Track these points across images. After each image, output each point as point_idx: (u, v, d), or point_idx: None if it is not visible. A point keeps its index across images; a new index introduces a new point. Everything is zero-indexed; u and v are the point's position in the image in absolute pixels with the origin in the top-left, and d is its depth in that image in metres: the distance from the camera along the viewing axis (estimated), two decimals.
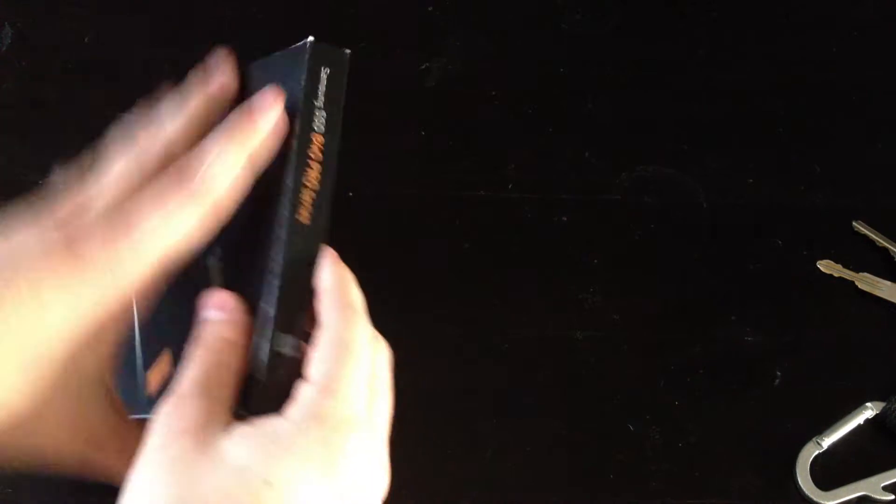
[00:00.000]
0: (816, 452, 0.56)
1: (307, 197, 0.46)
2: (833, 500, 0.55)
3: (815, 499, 0.55)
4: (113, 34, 0.75)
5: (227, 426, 0.41)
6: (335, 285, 0.45)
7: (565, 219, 0.66)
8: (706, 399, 0.59)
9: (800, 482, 0.55)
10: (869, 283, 0.62)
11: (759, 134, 0.69)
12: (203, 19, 0.76)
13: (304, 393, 0.42)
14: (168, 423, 0.41)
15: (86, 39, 0.75)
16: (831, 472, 0.56)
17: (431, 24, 0.74)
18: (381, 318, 0.58)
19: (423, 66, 0.72)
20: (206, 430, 0.40)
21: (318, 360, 0.42)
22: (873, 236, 0.64)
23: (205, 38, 0.74)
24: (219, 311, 0.45)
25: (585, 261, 0.64)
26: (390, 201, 0.66)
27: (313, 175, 0.46)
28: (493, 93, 0.71)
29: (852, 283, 0.62)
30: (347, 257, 0.64)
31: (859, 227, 0.64)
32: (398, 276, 0.63)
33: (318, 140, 0.46)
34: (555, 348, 0.61)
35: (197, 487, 0.38)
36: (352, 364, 0.42)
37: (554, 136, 0.69)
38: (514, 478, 0.57)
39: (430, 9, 0.75)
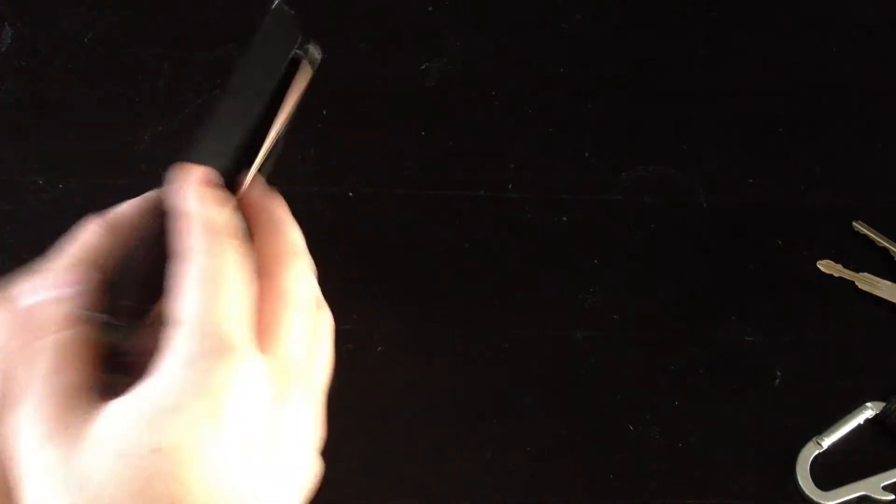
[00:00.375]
0: (816, 452, 0.56)
1: None
2: (833, 500, 0.55)
3: (815, 499, 0.55)
4: (113, 34, 0.75)
5: (95, 407, 0.36)
6: (198, 209, 0.40)
7: (565, 219, 0.66)
8: (706, 399, 0.59)
9: (800, 482, 0.55)
10: (869, 283, 0.62)
11: (759, 134, 0.69)
12: (203, 19, 0.76)
13: (173, 338, 0.37)
14: (28, 439, 0.36)
15: (86, 39, 0.75)
16: (831, 472, 0.56)
17: (431, 24, 0.74)
18: (381, 317, 0.58)
19: (423, 66, 0.72)
20: (70, 425, 0.36)
21: (184, 296, 0.37)
22: (873, 236, 0.64)
23: (205, 38, 0.75)
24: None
25: (585, 261, 0.64)
26: (390, 201, 0.66)
27: None
28: (493, 93, 0.71)
29: (852, 283, 0.62)
30: (348, 257, 0.64)
31: (859, 227, 0.64)
32: (398, 275, 0.63)
33: None
34: (555, 348, 0.61)
35: (85, 491, 0.35)
36: (224, 295, 0.37)
37: (554, 136, 0.69)
38: (513, 478, 0.57)
39: (430, 9, 0.75)
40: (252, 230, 0.42)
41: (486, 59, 0.73)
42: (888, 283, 0.62)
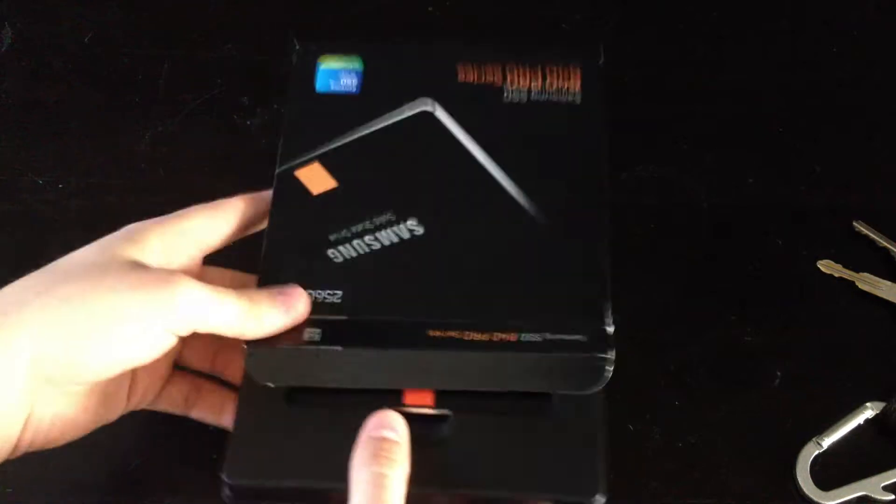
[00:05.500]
0: (816, 452, 0.56)
1: None
2: (833, 500, 0.55)
3: (815, 499, 0.55)
4: (113, 34, 0.75)
5: None
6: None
7: None
8: (706, 399, 0.59)
9: (800, 482, 0.55)
10: (869, 283, 0.62)
11: (759, 134, 0.69)
12: (203, 19, 0.76)
13: None
14: None
15: (86, 39, 0.75)
16: (831, 472, 0.56)
17: (431, 24, 0.74)
18: None
19: None
20: None
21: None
22: (873, 236, 0.64)
23: (205, 38, 0.75)
24: (391, 431, 0.46)
25: None
26: None
27: None
28: None
29: (852, 283, 0.62)
30: None
31: (859, 227, 0.64)
32: None
33: None
34: None
35: None
36: None
37: None
38: None
39: (430, 9, 0.75)
40: None
41: None
42: (888, 283, 0.62)
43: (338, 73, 0.57)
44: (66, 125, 0.70)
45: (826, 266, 0.63)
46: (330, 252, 0.51)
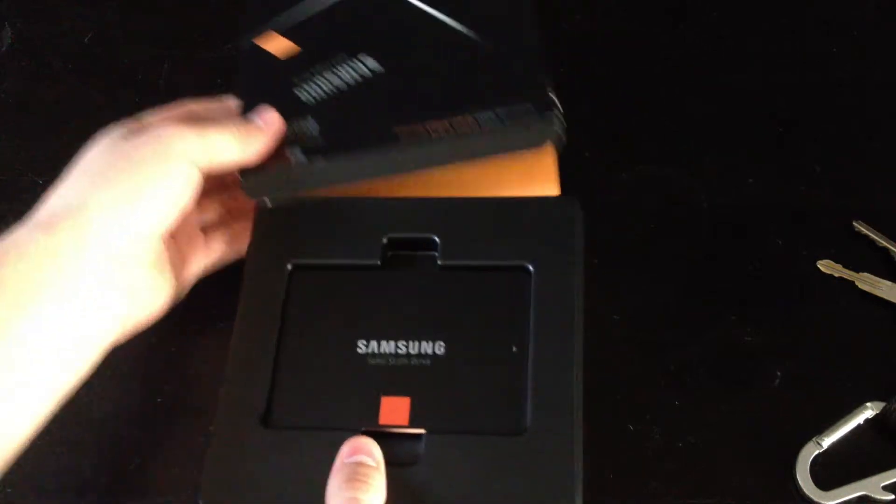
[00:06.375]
0: (816, 452, 0.56)
1: None
2: (833, 500, 0.55)
3: (815, 499, 0.55)
4: (113, 34, 0.75)
5: None
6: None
7: None
8: (706, 399, 0.59)
9: (800, 482, 0.55)
10: (869, 283, 0.62)
11: (759, 134, 0.69)
12: (203, 19, 0.76)
13: None
14: None
15: (86, 39, 0.75)
16: (831, 472, 0.56)
17: None
18: None
19: None
20: None
21: None
22: (873, 236, 0.64)
23: (205, 38, 0.75)
24: (366, 456, 0.48)
25: (585, 261, 0.64)
26: None
27: None
28: None
29: (852, 283, 0.62)
30: None
31: (859, 227, 0.64)
32: None
33: None
34: None
35: None
36: None
37: None
38: None
39: None
40: None
41: None
42: (888, 283, 0.62)
43: None
44: (65, 125, 0.70)
45: (826, 266, 0.63)
46: (296, 91, 0.59)
